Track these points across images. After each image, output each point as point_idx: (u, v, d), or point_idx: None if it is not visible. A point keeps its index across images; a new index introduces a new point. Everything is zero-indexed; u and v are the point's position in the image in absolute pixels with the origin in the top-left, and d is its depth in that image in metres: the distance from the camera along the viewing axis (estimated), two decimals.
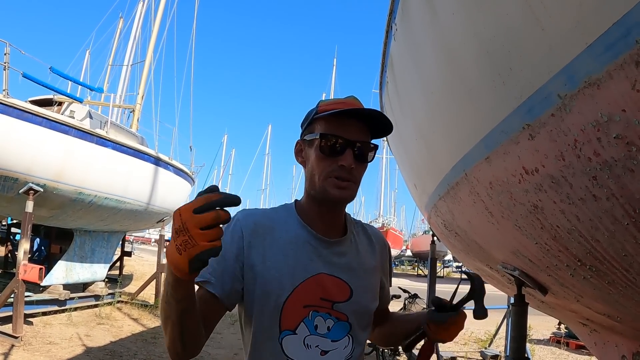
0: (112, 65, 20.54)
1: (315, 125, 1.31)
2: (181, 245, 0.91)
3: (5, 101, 7.42)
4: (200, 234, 0.90)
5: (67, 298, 9.72)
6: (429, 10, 1.94)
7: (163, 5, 16.28)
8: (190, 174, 14.88)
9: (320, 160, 1.26)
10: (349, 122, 1.26)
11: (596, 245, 1.42)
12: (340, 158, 1.24)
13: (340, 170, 1.24)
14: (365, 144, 1.28)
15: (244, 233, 1.28)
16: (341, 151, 1.24)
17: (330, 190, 1.25)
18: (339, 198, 1.26)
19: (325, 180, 1.25)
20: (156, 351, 7.44)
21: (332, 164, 1.25)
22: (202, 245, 0.90)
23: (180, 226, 0.92)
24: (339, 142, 1.25)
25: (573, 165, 1.25)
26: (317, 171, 1.27)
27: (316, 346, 1.25)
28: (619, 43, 0.92)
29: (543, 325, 11.15)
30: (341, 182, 1.24)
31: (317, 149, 1.27)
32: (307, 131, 1.34)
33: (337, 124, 1.26)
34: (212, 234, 0.91)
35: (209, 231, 0.91)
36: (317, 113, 1.30)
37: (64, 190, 8.80)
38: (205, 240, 0.90)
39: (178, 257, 0.92)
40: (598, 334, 2.36)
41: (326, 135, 1.26)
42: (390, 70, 3.16)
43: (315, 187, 1.28)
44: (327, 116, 1.26)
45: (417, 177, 3.64)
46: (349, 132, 1.25)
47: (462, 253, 3.41)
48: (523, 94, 1.35)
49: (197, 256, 0.91)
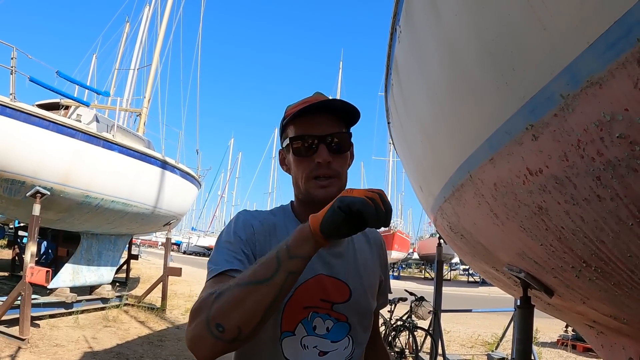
0: (119, 69, 20.66)
1: (287, 130, 1.32)
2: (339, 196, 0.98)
3: (12, 105, 7.47)
4: (362, 191, 0.98)
5: (73, 301, 9.75)
6: (432, 12, 1.94)
7: (169, 9, 16.35)
8: (197, 177, 14.91)
9: (298, 162, 1.27)
10: (317, 118, 1.25)
11: (601, 246, 1.41)
12: (315, 155, 1.23)
13: (318, 167, 1.23)
14: (338, 134, 1.27)
15: (254, 229, 1.28)
16: (315, 148, 1.24)
17: (314, 192, 1.25)
18: (324, 198, 1.23)
19: (308, 182, 1.25)
20: (163, 354, 7.45)
21: (309, 163, 1.24)
22: (356, 194, 0.97)
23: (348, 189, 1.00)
24: (309, 140, 1.25)
25: (577, 166, 1.25)
26: (298, 174, 1.27)
27: (314, 347, 1.24)
28: (620, 42, 0.91)
29: (550, 328, 11.07)
30: (322, 181, 1.24)
31: (292, 152, 1.27)
32: (282, 138, 1.35)
33: (305, 123, 1.26)
34: (371, 194, 0.97)
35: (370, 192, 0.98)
36: (285, 118, 1.30)
37: (70, 194, 8.84)
38: (364, 194, 0.96)
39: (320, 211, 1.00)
40: (605, 336, 2.35)
41: (295, 137, 1.26)
42: (395, 73, 3.16)
43: (301, 191, 1.29)
44: (294, 118, 1.26)
45: (423, 179, 3.63)
46: (318, 128, 1.25)
47: (468, 255, 3.40)
48: (526, 94, 1.34)
49: (344, 197, 0.97)
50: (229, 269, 1.15)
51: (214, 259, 1.21)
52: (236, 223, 1.29)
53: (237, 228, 1.28)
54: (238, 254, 1.20)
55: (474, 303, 17.08)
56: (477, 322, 13.09)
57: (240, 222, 1.29)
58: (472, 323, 12.92)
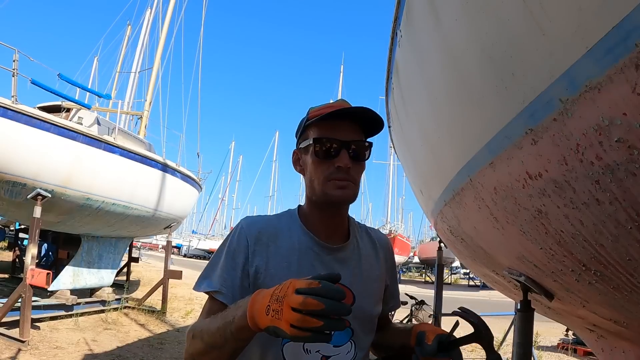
0: (120, 72, 20.73)
1: (308, 131, 1.32)
2: (272, 310, 0.95)
3: (13, 107, 7.49)
4: (289, 313, 0.91)
5: (74, 303, 9.77)
6: (432, 17, 1.95)
7: (171, 12, 16.41)
8: (197, 180, 14.92)
9: (317, 164, 1.27)
10: (341, 124, 1.27)
11: (600, 250, 1.42)
12: (336, 160, 1.24)
13: (337, 171, 1.24)
14: (359, 143, 1.28)
15: (248, 242, 1.29)
16: (336, 153, 1.25)
17: (331, 192, 1.25)
18: (340, 198, 1.26)
19: (325, 184, 1.26)
20: (162, 356, 7.45)
21: (329, 166, 1.25)
22: (283, 324, 0.92)
23: (281, 294, 0.95)
24: (333, 144, 1.25)
25: (576, 170, 1.25)
26: (316, 176, 1.28)
27: (317, 351, 1.25)
28: (618, 46, 0.92)
29: (551, 332, 11.06)
30: (341, 181, 1.25)
31: (313, 154, 1.28)
32: (301, 139, 1.36)
33: (329, 127, 1.27)
34: (299, 320, 0.89)
35: (298, 315, 0.90)
36: (308, 119, 1.31)
37: (71, 196, 8.85)
38: (290, 321, 0.91)
39: (263, 315, 0.97)
40: (605, 340, 2.35)
41: (319, 139, 1.26)
42: (396, 77, 3.17)
43: (316, 192, 1.29)
44: (318, 121, 1.27)
45: (423, 183, 3.63)
46: (341, 134, 1.26)
47: (468, 259, 3.39)
48: (525, 99, 1.35)
49: (273, 329, 0.94)
50: (215, 290, 1.25)
51: (208, 273, 1.31)
52: (232, 237, 1.33)
53: (231, 242, 1.31)
54: (226, 272, 1.27)
55: (475, 307, 16.99)
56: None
57: (236, 237, 1.32)
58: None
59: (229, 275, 1.25)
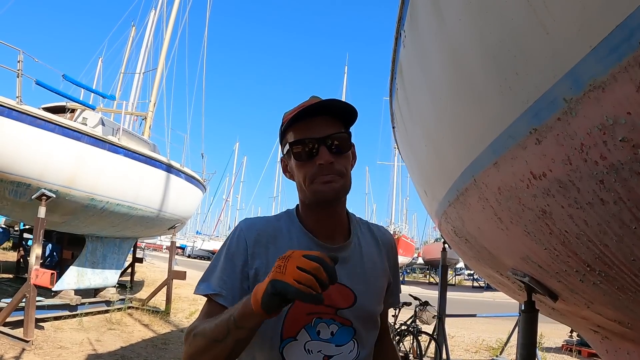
0: (125, 72, 20.78)
1: (286, 137, 1.31)
2: (273, 270, 0.99)
3: (18, 108, 7.52)
4: (294, 269, 0.96)
5: (78, 303, 9.79)
6: (436, 17, 1.94)
7: (175, 13, 16.43)
8: (201, 181, 14.94)
9: (300, 167, 1.27)
10: (314, 121, 1.25)
11: (605, 250, 1.41)
12: (317, 158, 1.23)
13: (321, 170, 1.23)
14: (337, 135, 1.26)
15: (247, 244, 1.29)
16: (316, 151, 1.24)
17: (319, 189, 1.24)
18: (328, 194, 1.24)
19: (312, 184, 1.25)
20: (166, 357, 7.46)
21: (312, 166, 1.24)
22: (287, 278, 0.96)
23: (284, 258, 1.00)
24: (309, 143, 1.24)
25: (580, 169, 1.25)
26: (301, 178, 1.27)
27: (318, 351, 1.24)
28: (622, 45, 0.92)
29: (555, 333, 11.01)
30: (326, 176, 1.23)
31: (294, 157, 1.27)
32: (282, 145, 1.36)
33: (303, 127, 1.26)
34: (303, 277, 0.96)
35: (302, 273, 0.96)
36: (283, 125, 1.31)
37: (76, 197, 8.88)
38: (294, 277, 0.96)
39: (261, 285, 1.00)
40: (609, 341, 2.34)
41: (295, 141, 1.26)
42: (400, 77, 3.17)
43: (306, 195, 1.29)
44: (292, 123, 1.26)
45: (427, 183, 3.63)
46: (316, 131, 1.25)
47: (472, 260, 3.39)
48: (529, 98, 1.35)
49: (276, 282, 0.97)
50: (214, 293, 1.25)
51: (207, 276, 1.30)
52: (231, 240, 1.32)
53: (230, 245, 1.31)
54: (225, 275, 1.27)
55: (479, 308, 17.03)
56: (481, 327, 13.04)
57: (235, 239, 1.31)
58: (477, 328, 12.87)
59: (228, 278, 1.25)
